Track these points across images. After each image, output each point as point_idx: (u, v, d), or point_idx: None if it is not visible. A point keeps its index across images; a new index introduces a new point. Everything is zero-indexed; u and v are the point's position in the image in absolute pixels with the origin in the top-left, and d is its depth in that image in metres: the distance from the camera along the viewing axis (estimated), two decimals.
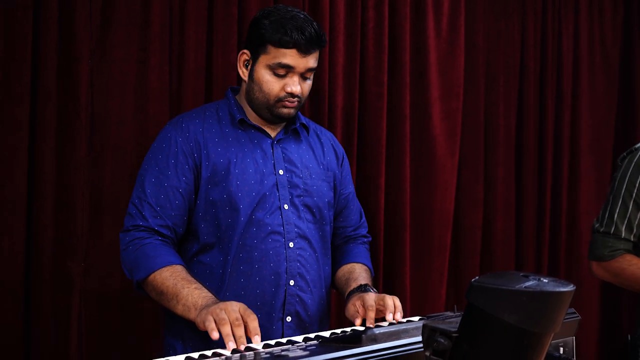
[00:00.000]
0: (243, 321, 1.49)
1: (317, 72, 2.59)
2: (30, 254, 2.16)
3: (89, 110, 2.22)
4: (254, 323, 1.50)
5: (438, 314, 1.68)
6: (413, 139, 2.86)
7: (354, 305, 1.75)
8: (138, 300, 2.21)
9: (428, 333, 1.18)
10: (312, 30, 1.82)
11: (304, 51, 1.81)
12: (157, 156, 1.83)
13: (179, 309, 1.64)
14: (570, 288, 1.10)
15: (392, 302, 1.71)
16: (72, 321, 2.20)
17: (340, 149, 2.10)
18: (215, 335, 1.48)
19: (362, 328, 1.61)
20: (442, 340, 1.16)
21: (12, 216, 2.12)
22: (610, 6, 3.37)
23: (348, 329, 1.60)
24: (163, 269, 1.70)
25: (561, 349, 1.58)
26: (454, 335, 1.15)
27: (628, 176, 2.18)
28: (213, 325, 1.49)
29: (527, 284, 1.10)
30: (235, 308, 1.52)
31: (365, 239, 2.14)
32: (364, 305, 1.72)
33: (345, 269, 1.99)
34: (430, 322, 1.24)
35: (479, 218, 3.06)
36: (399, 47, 2.79)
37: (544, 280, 1.12)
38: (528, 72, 3.18)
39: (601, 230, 2.21)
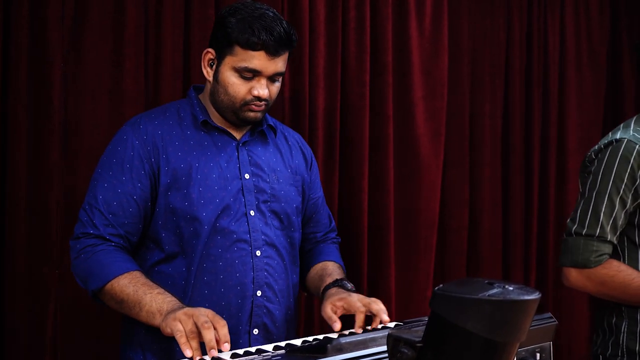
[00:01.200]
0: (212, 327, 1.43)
1: (297, 73, 2.57)
2: (4, 260, 2.12)
3: (62, 114, 2.18)
4: (223, 330, 1.44)
5: (416, 319, 1.65)
6: (397, 140, 2.82)
7: (333, 305, 1.68)
8: None
9: (392, 343, 1.15)
10: (282, 30, 1.72)
11: (273, 53, 1.72)
12: (112, 160, 1.74)
13: (143, 316, 1.57)
14: (535, 296, 1.07)
15: (378, 306, 1.66)
16: (47, 328, 2.16)
17: (309, 151, 2.03)
18: (183, 340, 1.42)
19: (335, 335, 1.58)
20: (406, 351, 1.12)
21: None
22: (597, 3, 3.33)
23: (320, 336, 1.57)
24: (120, 276, 1.63)
25: (538, 354, 1.55)
26: (418, 345, 1.12)
27: (615, 170, 1.92)
28: (180, 327, 1.43)
29: (491, 292, 1.07)
30: (203, 312, 1.47)
31: (335, 240, 2.09)
32: (345, 307, 1.66)
33: (317, 267, 1.93)
34: (395, 331, 1.21)
35: (465, 218, 3.03)
36: (381, 47, 2.76)
37: (509, 288, 1.09)
38: (514, 71, 3.14)
39: (583, 232, 1.94)
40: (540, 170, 3.23)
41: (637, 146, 1.92)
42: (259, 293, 1.78)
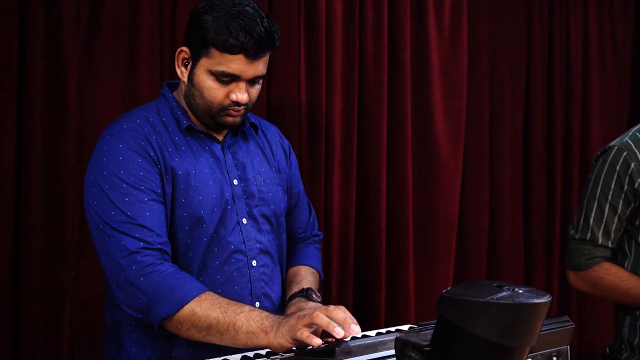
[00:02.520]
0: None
1: (314, 73, 2.55)
2: (19, 263, 2.13)
3: (77, 116, 2.19)
4: (346, 312, 1.33)
5: (429, 322, 1.62)
6: (415, 141, 2.79)
7: None
8: None
9: (400, 347, 1.13)
10: (262, 30, 1.56)
11: (252, 56, 1.58)
12: (118, 172, 1.56)
13: (241, 339, 1.40)
14: (545, 299, 1.03)
15: (343, 313, 1.40)
16: (64, 330, 2.17)
17: (287, 144, 1.91)
18: (317, 341, 1.27)
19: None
20: (414, 355, 1.10)
21: None
22: (621, 0, 3.26)
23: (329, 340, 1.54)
24: (198, 298, 1.45)
25: (554, 358, 1.51)
26: (426, 349, 1.09)
27: (602, 177, 2.04)
28: (306, 333, 1.29)
29: (500, 295, 1.04)
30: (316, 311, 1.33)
31: (316, 238, 1.98)
32: None
33: (290, 272, 1.82)
34: (404, 335, 1.19)
35: (485, 221, 2.98)
36: (399, 46, 2.73)
37: (519, 291, 1.06)
38: (535, 70, 3.09)
39: (577, 237, 2.08)
40: (562, 171, 3.17)
41: (625, 153, 2.01)
42: (257, 304, 1.69)
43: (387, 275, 2.72)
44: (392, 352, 1.24)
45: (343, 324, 1.29)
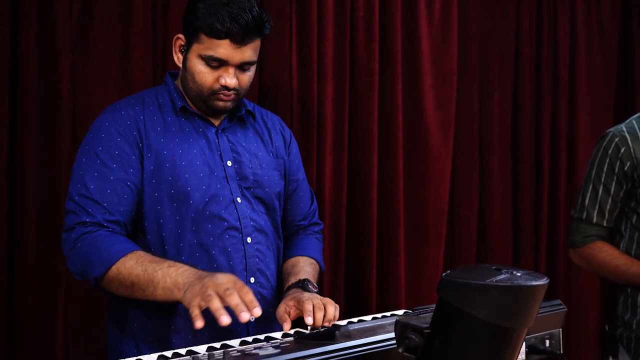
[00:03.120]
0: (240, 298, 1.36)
1: (306, 62, 2.56)
2: (14, 252, 2.13)
3: (70, 104, 2.19)
4: (249, 295, 1.38)
5: (424, 306, 1.65)
6: (406, 129, 2.81)
7: (285, 305, 1.61)
8: None
9: (400, 329, 1.15)
10: (250, 18, 1.64)
11: (239, 42, 1.65)
12: (97, 148, 1.67)
13: (159, 295, 1.50)
14: (542, 282, 1.07)
15: (333, 308, 1.55)
16: (58, 320, 2.17)
17: (288, 132, 1.98)
18: (199, 324, 1.35)
19: (343, 323, 1.58)
20: (414, 337, 1.13)
21: None
22: None
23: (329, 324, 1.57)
24: (124, 258, 1.55)
25: (547, 341, 1.55)
26: (426, 331, 1.12)
27: (597, 162, 2.22)
28: (197, 311, 1.35)
29: (499, 277, 1.07)
30: (223, 280, 1.40)
31: (317, 227, 2.02)
32: (296, 306, 1.58)
33: (289, 262, 1.87)
34: (403, 318, 1.22)
35: (475, 207, 3.02)
36: (390, 35, 2.74)
37: (517, 274, 1.09)
38: (523, 58, 3.12)
39: (575, 216, 2.26)
40: (550, 158, 3.21)
41: (617, 139, 2.18)
42: (252, 280, 1.75)
43: (378, 261, 2.75)
44: (391, 335, 1.27)
45: (234, 309, 1.34)
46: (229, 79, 1.69)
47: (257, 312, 1.36)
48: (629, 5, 3.36)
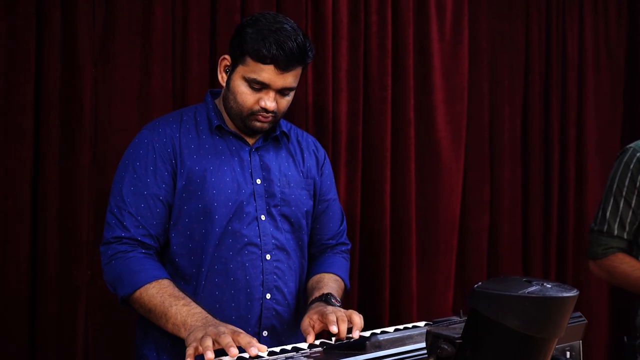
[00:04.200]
0: (236, 342, 1.41)
1: (321, 76, 2.60)
2: (36, 263, 2.16)
3: (92, 118, 2.23)
4: (245, 338, 1.42)
5: (443, 319, 1.67)
6: (418, 143, 2.85)
7: (309, 319, 1.63)
8: None
9: (431, 339, 1.18)
10: (294, 46, 1.72)
11: (283, 68, 1.73)
12: (135, 162, 1.77)
13: (169, 328, 1.59)
14: (573, 293, 1.09)
15: (358, 318, 1.58)
16: (78, 329, 2.20)
17: (322, 153, 2.03)
18: (190, 352, 1.40)
19: (368, 334, 1.60)
20: (446, 347, 1.15)
21: (17, 224, 2.12)
22: (615, 5, 3.35)
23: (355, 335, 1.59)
24: (149, 285, 1.65)
25: (568, 353, 1.57)
26: (458, 341, 1.14)
27: (618, 176, 2.26)
28: (191, 352, 1.41)
29: (530, 289, 1.09)
30: (223, 330, 1.44)
31: (344, 247, 2.06)
32: (320, 319, 1.61)
33: (314, 278, 1.91)
34: (434, 328, 1.24)
35: (485, 220, 3.05)
36: (402, 50, 2.79)
37: (547, 286, 1.11)
38: (533, 73, 3.17)
39: (595, 229, 2.29)
40: (559, 171, 3.25)
41: (638, 154, 2.23)
42: (268, 296, 1.80)
43: (390, 272, 2.78)
44: (421, 345, 1.29)
45: (225, 348, 1.39)
46: (269, 102, 1.76)
47: (253, 351, 1.38)
48: (636, 22, 3.42)
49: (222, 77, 1.83)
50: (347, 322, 1.57)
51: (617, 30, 3.37)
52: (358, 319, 1.58)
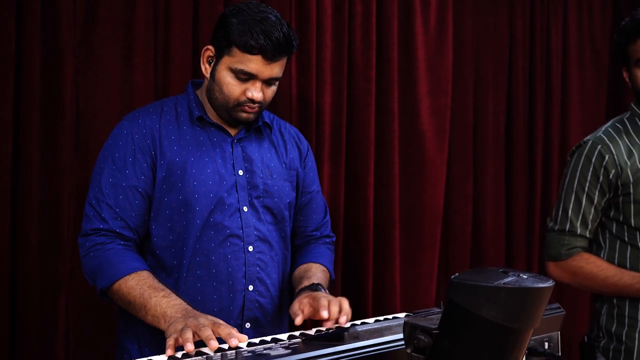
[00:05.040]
0: (216, 333, 1.41)
1: (305, 68, 2.60)
2: (16, 255, 2.15)
3: (73, 109, 2.21)
4: (225, 329, 1.42)
5: (424, 310, 1.68)
6: (402, 136, 2.85)
7: (299, 302, 1.65)
8: None
9: (409, 330, 1.18)
10: (281, 35, 1.72)
11: (270, 58, 1.73)
12: (114, 154, 1.76)
13: (149, 320, 1.58)
14: (549, 284, 1.10)
15: (347, 305, 1.59)
16: (59, 321, 2.19)
17: (305, 145, 2.03)
18: (168, 352, 1.39)
19: (347, 325, 1.60)
20: (423, 337, 1.16)
21: None
22: (599, 1, 3.37)
23: (333, 326, 1.60)
24: (128, 276, 1.64)
25: (546, 344, 1.58)
26: (435, 332, 1.15)
27: (579, 170, 2.11)
28: (171, 342, 1.41)
29: (506, 280, 1.10)
30: (203, 322, 1.44)
31: (329, 239, 2.06)
32: (311, 303, 1.62)
33: (301, 268, 1.91)
34: (412, 319, 1.25)
35: (469, 214, 3.06)
36: (386, 43, 2.78)
37: (523, 276, 1.12)
38: (517, 68, 3.18)
39: (556, 228, 2.15)
40: (543, 166, 3.27)
41: (599, 147, 2.09)
42: (250, 288, 1.79)
43: (374, 266, 2.79)
44: (399, 336, 1.30)
45: (205, 340, 1.38)
46: (256, 92, 1.76)
47: (234, 342, 1.37)
48: (620, 18, 3.43)
49: (205, 69, 1.82)
50: (338, 306, 1.58)
51: (601, 26, 3.38)
52: (347, 306, 1.59)
